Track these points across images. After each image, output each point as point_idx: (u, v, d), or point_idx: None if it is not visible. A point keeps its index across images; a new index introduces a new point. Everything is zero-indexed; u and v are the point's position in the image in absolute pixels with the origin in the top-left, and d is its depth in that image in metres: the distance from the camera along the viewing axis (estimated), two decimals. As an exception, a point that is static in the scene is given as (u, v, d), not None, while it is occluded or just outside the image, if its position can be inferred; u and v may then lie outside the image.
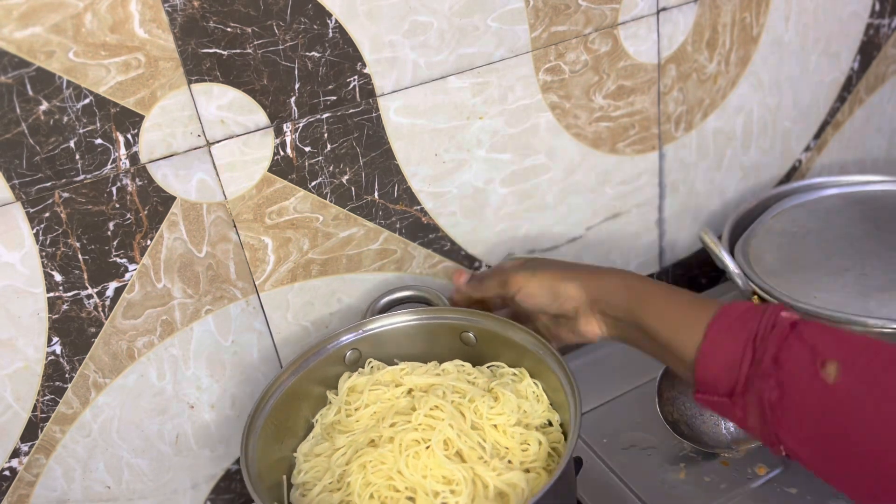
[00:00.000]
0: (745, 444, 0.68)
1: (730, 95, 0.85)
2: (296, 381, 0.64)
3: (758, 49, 0.84)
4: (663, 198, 0.86)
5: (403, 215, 0.72)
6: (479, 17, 0.67)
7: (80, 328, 0.62)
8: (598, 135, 0.79)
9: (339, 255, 0.71)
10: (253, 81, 0.61)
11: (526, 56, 0.71)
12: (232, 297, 0.67)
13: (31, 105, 0.54)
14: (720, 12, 0.80)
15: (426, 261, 0.75)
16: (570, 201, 0.80)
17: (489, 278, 0.67)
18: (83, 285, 0.61)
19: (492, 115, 0.72)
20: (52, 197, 0.57)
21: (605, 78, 0.76)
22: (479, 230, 0.77)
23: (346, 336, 0.67)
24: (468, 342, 0.67)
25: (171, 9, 0.56)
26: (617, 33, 0.75)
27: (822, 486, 0.64)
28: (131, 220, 0.61)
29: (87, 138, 0.57)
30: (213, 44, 0.58)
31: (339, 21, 0.62)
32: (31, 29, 0.53)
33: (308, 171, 0.66)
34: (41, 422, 0.63)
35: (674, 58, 0.79)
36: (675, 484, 0.67)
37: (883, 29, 0.92)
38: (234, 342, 0.69)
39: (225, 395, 0.71)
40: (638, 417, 0.74)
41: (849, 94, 0.95)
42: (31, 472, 0.65)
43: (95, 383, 0.64)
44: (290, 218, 0.67)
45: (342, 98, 0.65)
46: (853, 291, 0.68)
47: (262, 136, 0.63)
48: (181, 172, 0.61)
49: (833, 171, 0.99)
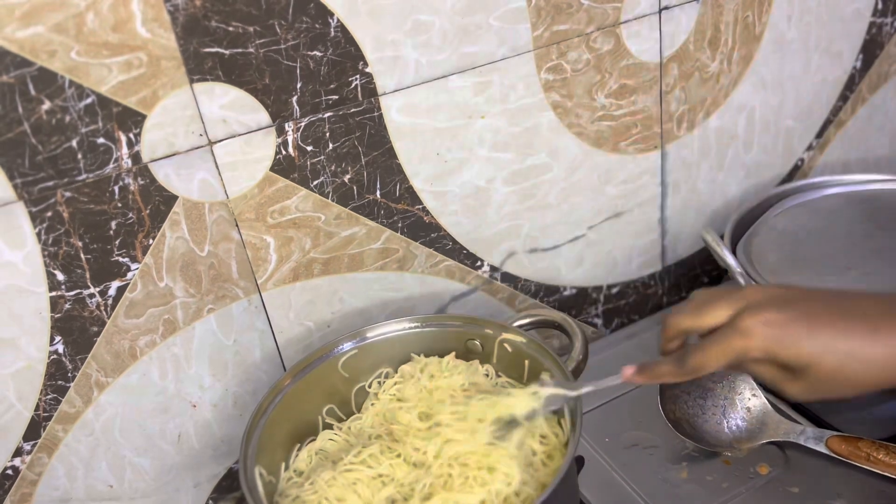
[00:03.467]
0: (748, 443, 0.68)
1: (732, 94, 0.85)
2: (296, 386, 0.64)
3: (760, 48, 0.84)
4: (665, 197, 0.86)
5: (405, 214, 0.72)
6: (480, 16, 0.67)
7: (83, 327, 0.62)
8: (599, 134, 0.79)
9: (340, 254, 0.71)
10: (255, 81, 0.61)
11: (528, 55, 0.71)
12: (234, 297, 0.67)
13: (34, 104, 0.54)
14: (722, 11, 0.80)
15: (428, 260, 0.75)
16: (571, 200, 0.80)
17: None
18: (85, 284, 0.61)
19: (493, 114, 0.72)
20: (54, 196, 0.57)
21: (607, 77, 0.76)
22: (481, 229, 0.77)
23: (347, 342, 0.67)
24: (474, 350, 0.68)
25: (173, 8, 0.56)
26: (619, 32, 0.75)
27: (824, 485, 0.64)
28: (133, 219, 0.61)
29: (90, 138, 0.57)
30: (215, 43, 0.58)
31: (340, 20, 0.62)
32: (33, 28, 0.53)
33: (310, 171, 0.66)
34: (44, 421, 0.63)
35: (676, 57, 0.79)
36: (678, 483, 0.67)
37: (885, 28, 0.92)
38: (235, 341, 0.69)
39: (227, 395, 0.71)
40: (640, 416, 0.74)
41: (851, 92, 0.94)
42: (34, 470, 0.65)
43: (98, 382, 0.64)
44: (291, 217, 0.67)
45: (344, 97, 0.65)
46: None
47: (264, 135, 0.63)
48: (183, 172, 0.61)
49: (835, 170, 0.98)
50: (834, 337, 0.45)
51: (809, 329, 0.45)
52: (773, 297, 0.48)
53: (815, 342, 0.45)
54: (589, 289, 0.87)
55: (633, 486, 0.67)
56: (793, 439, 0.66)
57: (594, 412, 0.76)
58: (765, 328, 0.46)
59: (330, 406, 0.67)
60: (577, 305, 0.87)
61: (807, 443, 0.66)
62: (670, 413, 0.69)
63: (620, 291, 0.89)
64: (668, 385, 0.69)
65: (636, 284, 0.90)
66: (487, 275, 0.79)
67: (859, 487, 0.63)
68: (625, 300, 0.90)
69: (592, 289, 0.87)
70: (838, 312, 0.46)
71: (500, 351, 0.66)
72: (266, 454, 0.60)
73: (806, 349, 0.45)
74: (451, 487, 0.55)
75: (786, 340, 0.46)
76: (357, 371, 0.67)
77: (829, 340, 0.45)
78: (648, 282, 0.90)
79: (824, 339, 0.45)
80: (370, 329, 0.68)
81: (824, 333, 0.45)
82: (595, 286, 0.87)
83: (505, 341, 0.66)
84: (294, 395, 0.64)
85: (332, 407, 0.67)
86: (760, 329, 0.46)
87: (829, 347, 0.45)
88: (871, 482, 0.63)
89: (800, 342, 0.45)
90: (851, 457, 0.64)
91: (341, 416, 0.67)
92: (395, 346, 0.68)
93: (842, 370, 0.45)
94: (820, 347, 0.45)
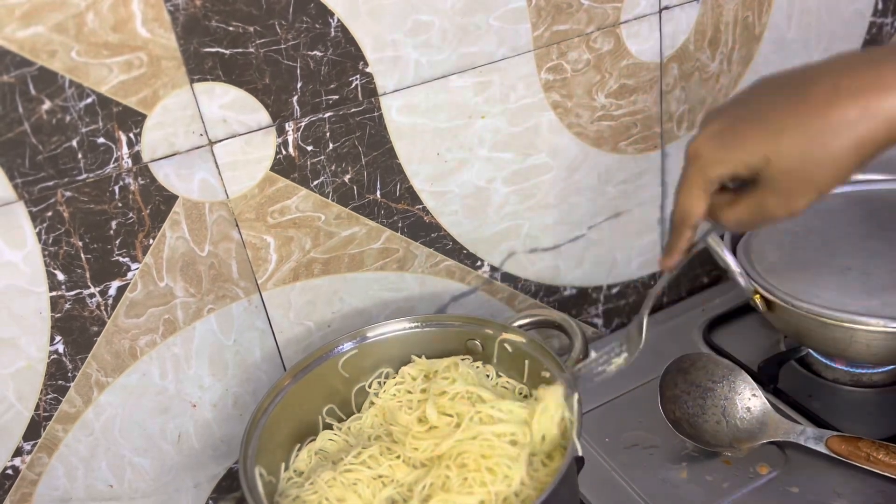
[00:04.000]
0: (748, 443, 0.68)
1: (732, 94, 0.85)
2: (296, 386, 0.64)
3: (760, 48, 0.84)
4: (665, 197, 0.86)
5: (405, 214, 0.72)
6: (480, 16, 0.67)
7: (83, 327, 0.62)
8: (600, 134, 0.79)
9: (340, 254, 0.71)
10: (255, 80, 0.61)
11: (528, 55, 0.71)
12: (234, 297, 0.67)
13: (34, 104, 0.54)
14: (722, 11, 0.80)
15: (428, 260, 0.75)
16: (571, 200, 0.80)
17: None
18: (85, 284, 0.61)
19: (493, 114, 0.72)
20: (54, 196, 0.57)
21: (607, 77, 0.76)
22: (481, 229, 0.77)
23: (347, 342, 0.67)
24: (474, 350, 0.68)
25: (174, 8, 0.56)
26: (619, 32, 0.75)
27: (824, 485, 0.64)
28: (133, 219, 0.61)
29: (90, 137, 0.57)
30: (216, 43, 0.58)
31: (341, 20, 0.62)
32: (34, 28, 0.53)
33: (310, 171, 0.66)
34: (44, 421, 0.63)
35: (676, 56, 0.79)
36: (677, 483, 0.67)
37: (886, 28, 0.92)
38: (236, 341, 0.69)
39: (227, 395, 0.71)
40: (640, 416, 0.74)
41: (851, 92, 0.94)
42: (34, 470, 0.65)
43: (98, 382, 0.64)
44: (292, 217, 0.67)
45: (344, 97, 0.65)
46: (856, 291, 0.68)
47: (265, 135, 0.63)
48: (183, 172, 0.61)
49: (835, 170, 0.98)
50: (786, 130, 0.44)
51: (761, 128, 0.45)
52: (726, 108, 0.48)
53: (767, 142, 0.44)
54: (589, 289, 0.87)
55: (633, 486, 0.67)
56: (793, 439, 0.66)
57: (594, 412, 0.76)
58: (709, 141, 0.47)
59: (330, 406, 0.67)
60: (577, 305, 0.87)
61: (807, 443, 0.66)
62: (670, 413, 0.69)
63: (620, 291, 0.89)
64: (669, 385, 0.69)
65: (636, 284, 0.90)
66: (487, 275, 0.79)
67: (859, 487, 0.63)
68: (625, 300, 0.90)
69: (592, 289, 0.87)
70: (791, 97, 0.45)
71: (501, 351, 0.66)
72: (266, 454, 0.60)
73: (760, 150, 0.45)
74: (450, 489, 0.55)
75: (734, 145, 0.46)
76: (357, 371, 0.67)
77: (780, 135, 0.44)
78: (648, 282, 0.90)
79: (774, 135, 0.44)
80: (370, 329, 0.68)
81: (774, 127, 0.44)
82: (595, 286, 0.87)
83: (505, 341, 0.66)
84: (294, 395, 0.64)
85: (332, 407, 0.67)
86: (707, 141, 0.47)
87: (782, 144, 0.44)
88: (871, 482, 0.63)
89: (749, 144, 0.45)
90: (851, 457, 0.64)
91: (341, 416, 0.67)
92: (396, 346, 0.68)
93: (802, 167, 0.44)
94: (772, 145, 0.44)
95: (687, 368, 0.71)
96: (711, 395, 0.69)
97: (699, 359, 0.71)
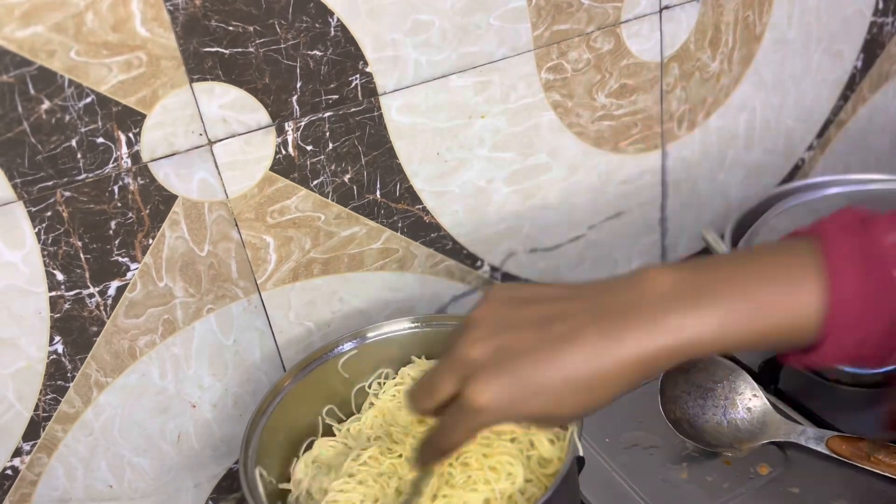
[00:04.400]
0: (748, 443, 0.68)
1: (732, 94, 0.85)
2: (296, 386, 0.64)
3: (760, 48, 0.84)
4: (666, 197, 0.86)
5: (405, 214, 0.72)
6: (480, 15, 0.67)
7: (82, 327, 0.62)
8: (600, 134, 0.79)
9: (340, 254, 0.71)
10: (255, 80, 0.61)
11: (528, 55, 0.71)
12: (234, 297, 0.67)
13: (33, 104, 0.54)
14: (723, 11, 0.80)
15: (428, 260, 0.75)
16: (572, 200, 0.80)
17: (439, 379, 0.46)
18: (85, 284, 0.61)
19: (494, 113, 0.72)
20: (53, 196, 0.57)
21: (607, 77, 0.76)
22: (481, 229, 0.77)
23: (347, 343, 0.67)
24: None
25: (173, 7, 0.56)
26: (619, 32, 0.75)
27: (825, 485, 0.64)
28: (133, 219, 0.61)
29: (89, 137, 0.57)
30: (215, 42, 0.58)
31: (340, 20, 0.62)
32: (33, 28, 0.53)
33: (310, 170, 0.66)
34: (43, 421, 0.63)
35: (676, 56, 0.79)
36: (678, 483, 0.67)
37: (886, 27, 0.92)
38: (235, 341, 0.69)
39: (227, 395, 0.71)
40: (640, 416, 0.74)
41: (852, 92, 0.94)
42: (34, 471, 0.65)
43: (97, 382, 0.64)
44: (291, 217, 0.67)
45: (344, 97, 0.65)
46: (856, 290, 0.68)
47: (264, 134, 0.63)
48: (183, 171, 0.61)
49: (836, 170, 0.98)
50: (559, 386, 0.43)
51: (535, 389, 0.43)
52: (491, 352, 0.44)
53: (542, 398, 0.43)
54: (589, 289, 0.87)
55: (633, 486, 0.67)
56: (793, 439, 0.66)
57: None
58: (491, 401, 0.43)
59: (330, 406, 0.67)
60: (577, 305, 0.87)
61: (807, 443, 0.66)
62: (670, 413, 0.69)
63: (621, 291, 0.89)
64: (670, 385, 0.69)
65: (636, 284, 0.90)
66: (487, 275, 0.79)
67: (860, 488, 0.63)
68: (625, 300, 0.90)
69: (593, 289, 0.87)
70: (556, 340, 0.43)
71: None
72: (266, 454, 0.60)
73: (538, 407, 0.44)
74: (454, 486, 0.55)
75: (516, 406, 0.44)
76: (357, 371, 0.67)
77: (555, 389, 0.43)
78: (649, 282, 0.90)
79: (549, 392, 0.43)
80: (370, 329, 0.67)
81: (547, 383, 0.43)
82: (595, 286, 0.87)
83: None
84: (294, 395, 0.64)
85: (332, 407, 0.67)
86: (488, 402, 0.43)
87: (557, 396, 0.43)
88: (871, 482, 0.63)
89: (529, 403, 0.43)
90: (852, 457, 0.63)
91: (341, 417, 0.67)
92: (396, 347, 0.68)
93: (580, 405, 0.44)
94: (551, 401, 0.43)
95: (687, 368, 0.71)
96: (712, 396, 0.69)
97: (700, 359, 0.71)
